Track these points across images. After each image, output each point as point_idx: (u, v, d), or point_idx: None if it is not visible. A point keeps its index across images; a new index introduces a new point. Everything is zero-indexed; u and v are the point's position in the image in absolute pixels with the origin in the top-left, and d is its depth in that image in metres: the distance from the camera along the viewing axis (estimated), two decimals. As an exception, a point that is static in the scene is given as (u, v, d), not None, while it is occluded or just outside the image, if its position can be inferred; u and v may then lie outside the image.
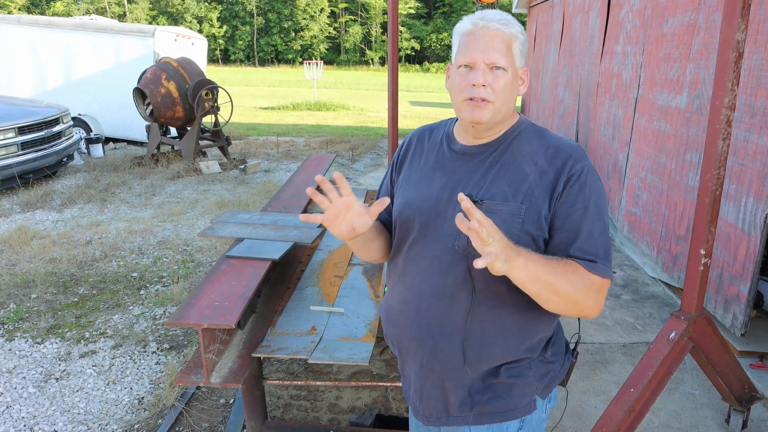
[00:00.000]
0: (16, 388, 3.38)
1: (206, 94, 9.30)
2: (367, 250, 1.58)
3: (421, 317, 1.45)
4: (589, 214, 1.34)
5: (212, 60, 61.84)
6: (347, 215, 1.35)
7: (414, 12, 66.91)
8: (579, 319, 2.17)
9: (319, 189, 1.58)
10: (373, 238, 1.56)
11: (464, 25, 1.41)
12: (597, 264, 1.33)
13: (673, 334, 2.55)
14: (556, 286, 1.26)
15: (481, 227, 1.11)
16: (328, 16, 69.02)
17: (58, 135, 8.40)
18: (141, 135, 10.88)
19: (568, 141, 1.44)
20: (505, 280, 1.35)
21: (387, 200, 1.31)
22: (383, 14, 67.30)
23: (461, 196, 1.13)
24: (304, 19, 66.26)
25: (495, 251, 1.13)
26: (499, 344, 1.42)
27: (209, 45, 41.66)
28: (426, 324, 1.44)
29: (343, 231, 1.37)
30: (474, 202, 1.32)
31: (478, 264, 1.10)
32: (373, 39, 70.16)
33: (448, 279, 1.41)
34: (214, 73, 33.69)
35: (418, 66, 65.05)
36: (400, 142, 1.75)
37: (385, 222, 1.67)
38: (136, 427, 3.05)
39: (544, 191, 1.36)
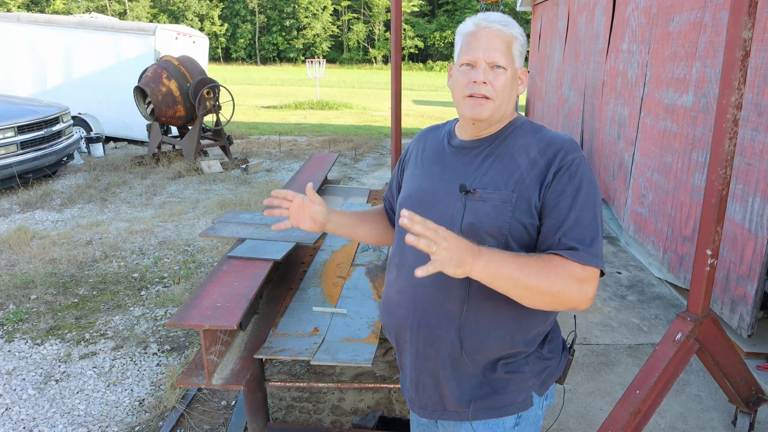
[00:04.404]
0: (15, 389, 3.35)
1: (207, 93, 9.28)
2: (357, 235, 1.77)
3: (418, 305, 1.47)
4: (578, 203, 1.35)
5: (213, 58, 61.92)
6: (304, 212, 1.60)
7: (417, 10, 66.95)
8: (575, 316, 2.15)
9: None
10: (354, 225, 1.74)
11: (466, 25, 1.47)
12: (578, 252, 1.31)
13: (679, 335, 2.52)
14: (524, 281, 1.25)
15: (417, 239, 1.13)
16: (331, 14, 69.08)
17: (58, 134, 8.38)
18: (142, 134, 10.86)
19: (561, 135, 1.47)
20: None
21: (311, 184, 1.58)
22: (386, 12, 67.34)
23: (403, 213, 1.14)
24: (306, 17, 66.31)
25: (441, 258, 1.14)
26: (493, 333, 1.43)
27: (210, 43, 41.73)
28: (422, 312, 1.46)
29: (308, 225, 1.62)
30: (467, 191, 1.42)
31: (418, 273, 1.13)
32: (376, 37, 70.21)
33: None
34: (216, 72, 33.72)
35: (421, 64, 65.08)
36: (403, 141, 1.78)
37: (388, 212, 1.85)
38: (136, 429, 3.02)
39: (534, 180, 1.39)
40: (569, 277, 1.29)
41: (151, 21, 55.16)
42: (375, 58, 68.35)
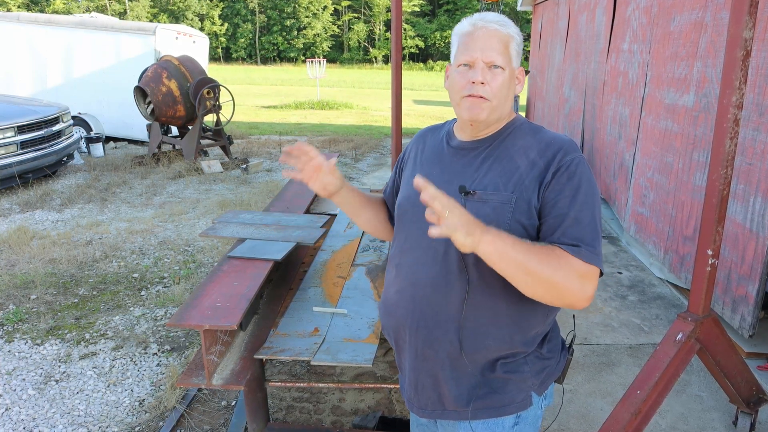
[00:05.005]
0: (15, 390, 3.35)
1: (208, 93, 9.28)
2: (358, 218, 1.77)
3: (416, 306, 1.47)
4: (578, 203, 1.35)
5: (214, 58, 61.89)
6: (318, 175, 1.56)
7: (418, 10, 66.96)
8: (574, 316, 2.15)
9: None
10: (359, 207, 1.74)
11: (463, 26, 1.47)
12: (580, 248, 1.31)
13: (680, 336, 2.51)
14: (528, 265, 1.26)
15: (433, 199, 1.18)
16: (331, 14, 69.08)
17: (58, 134, 8.37)
18: (142, 134, 10.85)
19: (561, 136, 1.47)
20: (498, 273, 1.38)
21: (335, 158, 1.58)
22: (387, 12, 67.33)
23: (416, 181, 1.20)
24: (307, 17, 66.31)
25: (453, 223, 1.18)
26: (493, 334, 1.43)
27: (211, 43, 41.70)
28: (421, 312, 1.47)
29: (318, 188, 1.59)
30: (466, 193, 1.42)
31: (433, 232, 1.18)
32: (376, 37, 70.22)
33: (443, 268, 1.44)
34: (216, 72, 33.66)
35: (422, 64, 65.09)
36: (403, 141, 1.78)
37: (389, 206, 1.83)
38: (136, 429, 3.02)
39: (533, 181, 1.39)
40: (571, 269, 1.29)
41: (151, 21, 55.09)
42: (375, 57, 68.34)
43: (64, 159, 8.63)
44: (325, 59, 26.95)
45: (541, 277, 1.27)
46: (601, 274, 1.36)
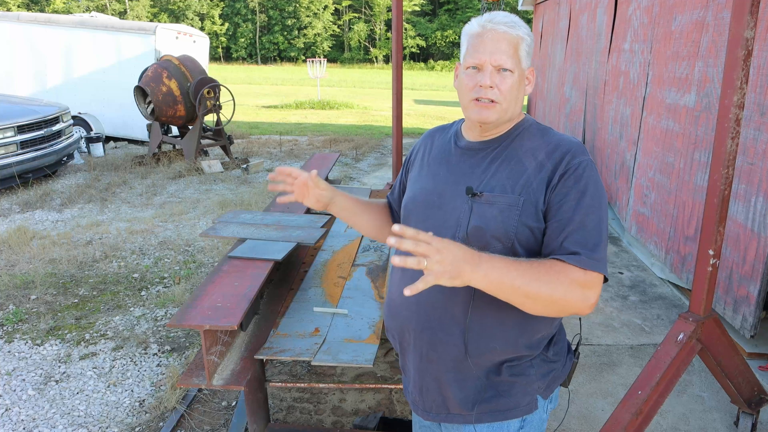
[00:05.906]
0: (15, 390, 3.34)
1: (208, 93, 9.27)
2: (357, 223, 1.75)
3: (421, 308, 1.46)
4: (583, 206, 1.34)
5: (214, 58, 61.94)
6: (309, 191, 1.59)
7: (419, 9, 66.97)
8: (580, 319, 2.15)
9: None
10: (356, 212, 1.72)
11: (472, 27, 1.44)
12: (580, 256, 1.29)
13: (681, 336, 2.51)
14: (527, 288, 1.23)
15: (404, 259, 1.12)
16: (332, 14, 69.10)
17: (58, 134, 8.37)
18: (142, 134, 10.85)
19: (569, 138, 1.46)
20: None
21: (315, 171, 1.58)
22: (387, 11, 67.33)
23: (394, 229, 1.13)
24: (308, 16, 66.33)
25: (434, 272, 1.12)
26: (499, 337, 1.42)
27: (211, 42, 41.70)
28: (425, 315, 1.45)
29: (312, 203, 1.61)
30: (473, 194, 1.40)
31: (406, 292, 1.11)
32: (377, 37, 70.22)
33: None
34: (216, 71, 33.72)
35: (422, 64, 65.11)
36: (404, 141, 1.78)
37: (392, 207, 1.83)
38: (137, 430, 3.01)
39: (540, 183, 1.37)
40: (571, 282, 1.27)
41: (151, 20, 55.07)
42: (376, 57, 68.35)
43: (64, 159, 8.63)
44: (325, 59, 26.98)
45: (541, 297, 1.25)
46: (606, 280, 1.34)
